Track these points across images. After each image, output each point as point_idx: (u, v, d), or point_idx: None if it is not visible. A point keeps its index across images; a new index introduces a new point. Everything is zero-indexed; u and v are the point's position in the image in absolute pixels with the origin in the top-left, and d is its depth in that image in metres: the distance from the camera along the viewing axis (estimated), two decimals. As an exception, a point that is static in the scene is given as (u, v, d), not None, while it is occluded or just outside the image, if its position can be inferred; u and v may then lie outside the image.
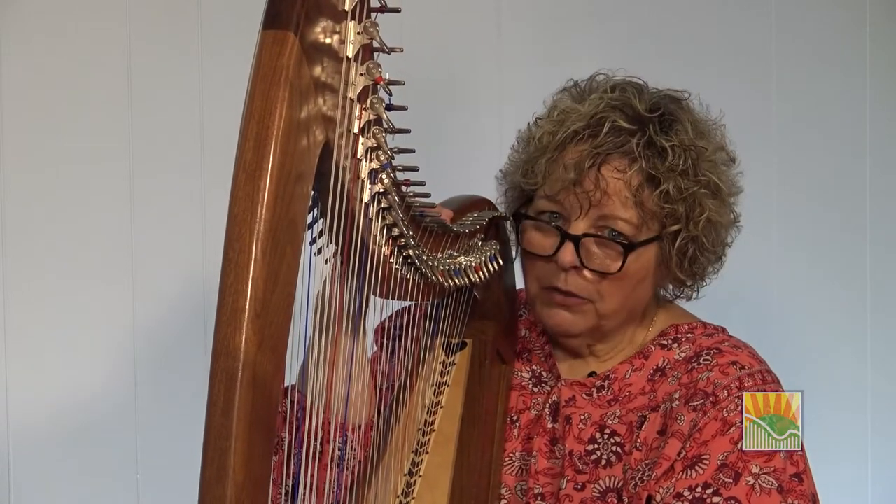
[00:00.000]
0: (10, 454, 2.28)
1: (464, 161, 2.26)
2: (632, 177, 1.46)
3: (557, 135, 1.49)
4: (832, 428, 2.36)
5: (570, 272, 1.48)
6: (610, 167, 1.46)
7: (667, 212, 1.47)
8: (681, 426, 1.44)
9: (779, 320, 2.40)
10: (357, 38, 1.10)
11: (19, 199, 2.28)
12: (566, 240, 1.47)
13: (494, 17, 2.37)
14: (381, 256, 1.27)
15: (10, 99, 2.26)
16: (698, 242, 1.50)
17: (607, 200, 1.46)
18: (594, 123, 1.47)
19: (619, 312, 1.52)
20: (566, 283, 1.49)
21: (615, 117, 1.47)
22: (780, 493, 1.40)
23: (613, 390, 1.53)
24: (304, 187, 1.02)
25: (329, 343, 1.26)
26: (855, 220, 2.47)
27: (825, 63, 2.44)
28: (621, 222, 1.46)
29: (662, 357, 1.53)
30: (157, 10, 2.30)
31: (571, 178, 1.46)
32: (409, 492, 1.46)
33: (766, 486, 1.40)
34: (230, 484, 0.97)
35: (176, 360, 2.32)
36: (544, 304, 1.53)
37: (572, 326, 1.52)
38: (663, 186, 1.46)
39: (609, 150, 1.46)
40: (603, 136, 1.46)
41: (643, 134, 1.47)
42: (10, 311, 2.27)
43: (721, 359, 1.49)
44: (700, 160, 1.48)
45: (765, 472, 1.41)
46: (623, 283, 1.49)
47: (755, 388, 1.46)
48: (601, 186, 1.45)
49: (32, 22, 2.27)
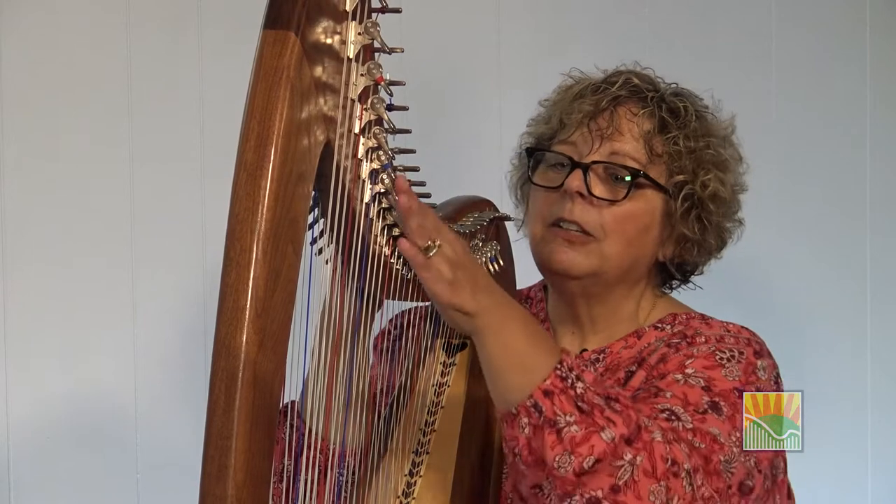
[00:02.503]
0: (10, 454, 2.28)
1: (464, 161, 2.26)
2: (644, 120, 1.50)
3: (574, 87, 1.55)
4: (832, 428, 2.37)
5: (577, 201, 1.48)
6: (625, 108, 1.51)
7: (674, 161, 1.50)
8: (650, 359, 1.47)
9: (779, 319, 2.40)
10: (358, 39, 1.10)
11: (19, 199, 2.28)
12: (575, 167, 1.49)
13: (494, 17, 2.38)
14: (381, 256, 1.27)
15: (10, 99, 2.26)
16: (703, 207, 1.52)
17: (619, 137, 1.49)
18: (611, 81, 1.54)
19: (622, 258, 1.51)
20: (571, 213, 1.49)
21: (630, 77, 1.54)
22: (706, 391, 1.39)
23: (605, 363, 1.54)
24: (305, 187, 1.03)
25: (331, 358, 1.27)
26: (855, 219, 2.47)
27: (826, 59, 2.44)
28: (630, 159, 1.49)
29: (655, 336, 1.54)
30: (157, 9, 2.30)
31: (588, 111, 1.50)
32: (409, 492, 1.46)
33: (692, 383, 1.40)
34: (231, 482, 0.98)
35: (176, 360, 2.32)
36: (547, 242, 1.52)
37: (573, 265, 1.50)
38: (673, 133, 1.50)
39: (627, 96, 1.52)
40: (620, 85, 1.52)
41: (657, 92, 1.53)
42: (10, 311, 2.28)
43: (710, 324, 1.52)
44: (710, 132, 1.53)
45: (698, 376, 1.41)
46: (627, 222, 1.49)
47: (733, 345, 1.45)
48: (614, 123, 1.50)
49: (32, 22, 2.27)
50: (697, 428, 1.35)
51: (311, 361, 1.26)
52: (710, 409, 1.38)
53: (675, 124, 1.51)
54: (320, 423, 1.29)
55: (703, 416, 1.37)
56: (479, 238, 1.55)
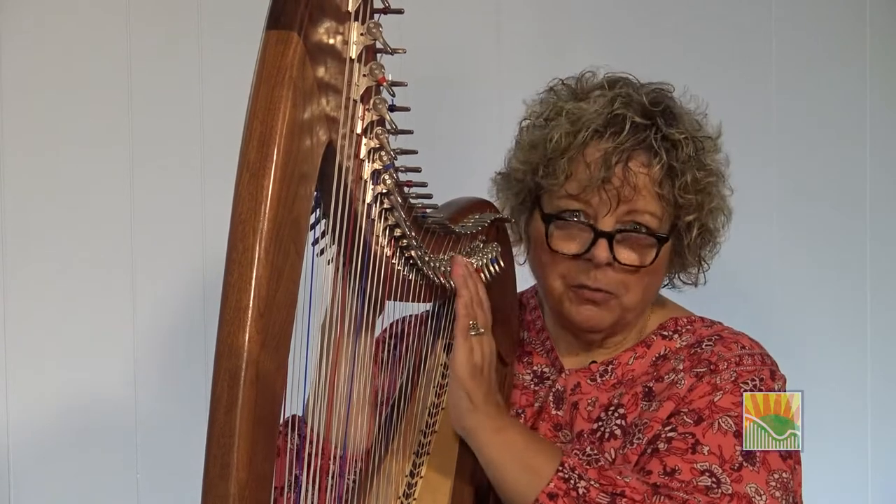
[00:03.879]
0: (10, 454, 2.27)
1: (465, 162, 2.26)
2: (656, 171, 1.48)
3: (578, 135, 1.49)
4: (832, 428, 2.37)
5: (601, 268, 1.49)
6: (636, 162, 1.48)
7: (683, 202, 1.49)
8: (679, 389, 1.47)
9: (779, 320, 2.40)
10: (360, 39, 1.10)
11: (19, 199, 2.28)
12: (599, 237, 1.47)
13: (494, 17, 2.38)
14: (383, 257, 1.27)
15: (10, 98, 2.26)
16: (707, 228, 1.54)
17: (636, 196, 1.47)
18: (613, 121, 1.49)
19: (641, 304, 1.54)
20: (595, 280, 1.50)
21: (630, 114, 1.49)
22: (737, 437, 1.42)
23: (617, 375, 1.55)
24: (308, 187, 1.02)
25: (334, 358, 1.27)
26: (855, 219, 2.47)
27: (825, 60, 2.44)
28: (648, 216, 1.48)
29: (664, 346, 1.55)
30: (157, 9, 2.30)
31: (600, 176, 1.46)
32: (410, 493, 1.46)
33: (724, 426, 1.42)
34: (233, 482, 0.98)
35: (176, 360, 2.32)
36: (572, 301, 1.53)
37: (600, 322, 1.53)
38: (682, 178, 1.48)
39: (633, 147, 1.47)
40: (625, 133, 1.47)
41: (655, 128, 1.49)
42: (11, 311, 2.27)
43: (724, 341, 1.52)
44: (704, 150, 1.52)
45: (729, 416, 1.43)
46: (648, 278, 1.51)
47: (752, 367, 1.48)
48: (630, 182, 1.47)
49: (32, 21, 2.27)
50: (736, 492, 1.38)
51: (312, 362, 1.26)
52: (745, 461, 1.41)
53: (682, 164, 1.48)
54: (322, 425, 1.29)
55: (739, 472, 1.40)
56: (480, 239, 1.55)
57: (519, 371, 1.62)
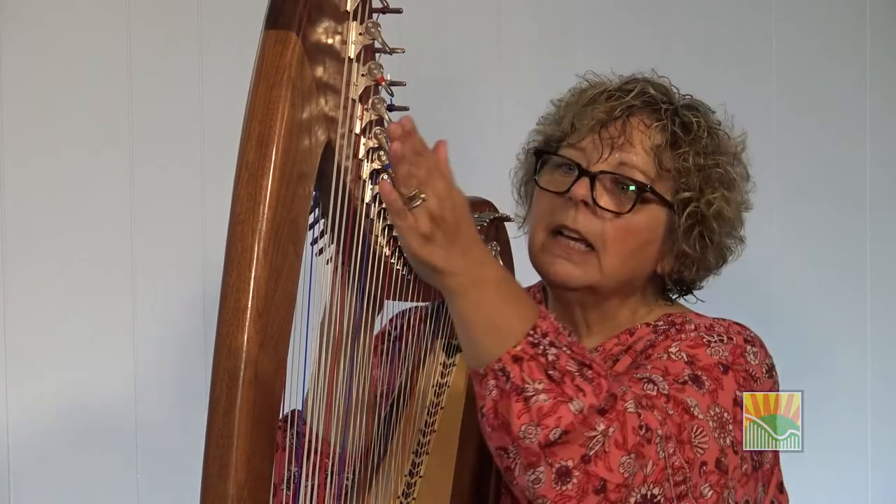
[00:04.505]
0: (10, 454, 2.27)
1: (464, 162, 2.25)
2: (656, 133, 1.48)
3: (588, 91, 1.52)
4: (832, 428, 2.37)
5: (581, 209, 1.47)
6: (637, 119, 1.49)
7: (682, 177, 1.49)
8: (637, 345, 1.47)
9: (778, 320, 2.40)
10: (359, 39, 1.10)
11: (19, 199, 2.28)
12: (583, 175, 1.48)
13: (494, 17, 2.38)
14: (382, 257, 1.27)
15: (10, 98, 2.26)
16: (706, 224, 1.50)
17: (629, 148, 1.48)
18: (626, 88, 1.51)
19: (619, 271, 1.50)
20: (575, 221, 1.48)
21: (646, 87, 1.51)
22: (688, 364, 1.39)
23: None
24: (306, 187, 1.03)
25: (332, 358, 1.27)
26: (855, 219, 2.47)
27: (825, 60, 2.45)
28: (638, 172, 1.48)
29: (649, 335, 1.53)
30: (157, 9, 2.30)
31: (600, 118, 1.48)
32: (409, 492, 1.46)
33: (675, 358, 1.40)
34: (232, 482, 0.98)
35: (176, 360, 2.32)
36: (547, 252, 1.51)
37: (571, 277, 1.50)
38: (683, 149, 1.48)
39: (640, 106, 1.49)
40: (634, 94, 1.50)
41: (671, 105, 1.51)
42: (11, 311, 2.27)
43: (704, 321, 1.50)
44: (720, 149, 1.51)
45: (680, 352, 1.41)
46: (629, 236, 1.49)
47: (722, 332, 1.45)
48: (626, 133, 1.48)
49: (32, 21, 2.27)
50: (673, 396, 1.34)
51: (311, 362, 1.26)
52: (690, 381, 1.37)
53: (686, 139, 1.49)
54: (321, 425, 1.29)
55: (682, 385, 1.36)
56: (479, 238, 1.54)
57: None
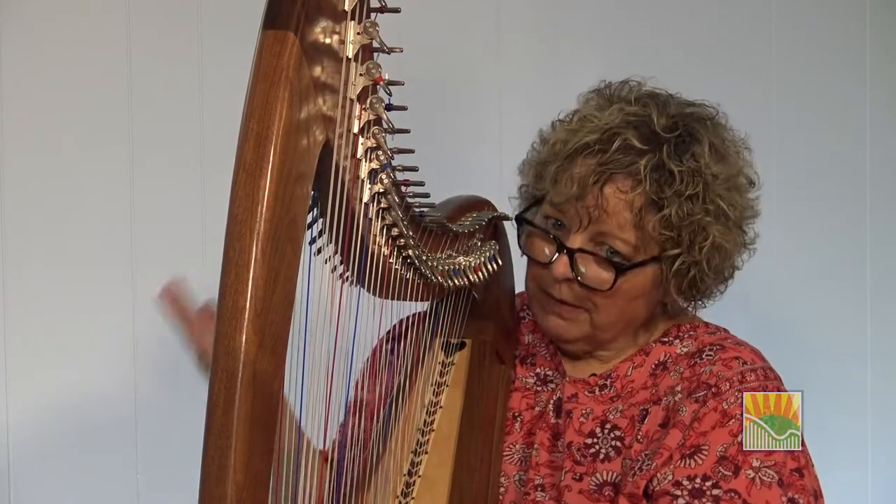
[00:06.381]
0: (10, 454, 2.28)
1: (463, 161, 2.26)
2: (634, 198, 1.44)
3: (569, 144, 1.47)
4: (832, 428, 2.36)
5: (563, 283, 1.49)
6: (613, 186, 1.44)
7: (666, 237, 1.45)
8: (682, 417, 1.44)
9: (778, 320, 2.40)
10: (357, 39, 1.10)
11: (19, 199, 2.28)
12: (562, 251, 1.47)
13: (494, 17, 2.38)
14: (380, 256, 1.27)
15: (10, 98, 2.26)
16: (700, 266, 1.48)
17: (607, 219, 1.45)
18: (605, 139, 1.45)
19: (615, 325, 1.52)
20: (559, 292, 1.50)
21: (628, 135, 1.45)
22: (781, 486, 1.40)
23: (616, 388, 1.53)
24: (304, 187, 1.02)
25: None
26: (855, 219, 2.47)
27: (825, 60, 2.44)
28: (619, 242, 1.46)
29: (664, 352, 1.54)
30: (157, 9, 2.30)
31: (574, 193, 1.45)
32: (408, 492, 1.46)
33: (766, 479, 1.40)
34: (230, 483, 0.97)
35: (176, 361, 2.31)
36: (540, 307, 1.54)
37: (565, 332, 1.53)
38: (665, 212, 1.44)
39: (615, 170, 1.44)
40: (611, 153, 1.44)
41: (654, 155, 1.44)
42: (10, 311, 2.28)
43: (724, 354, 1.49)
44: (711, 186, 1.46)
45: (765, 466, 1.41)
46: (616, 299, 1.49)
47: (756, 383, 1.46)
48: (601, 204, 1.44)
49: (32, 22, 2.27)
50: None
51: (310, 362, 1.26)
52: None
53: (669, 197, 1.43)
54: (320, 425, 1.29)
55: None
56: (478, 238, 1.55)
57: (522, 373, 1.62)
